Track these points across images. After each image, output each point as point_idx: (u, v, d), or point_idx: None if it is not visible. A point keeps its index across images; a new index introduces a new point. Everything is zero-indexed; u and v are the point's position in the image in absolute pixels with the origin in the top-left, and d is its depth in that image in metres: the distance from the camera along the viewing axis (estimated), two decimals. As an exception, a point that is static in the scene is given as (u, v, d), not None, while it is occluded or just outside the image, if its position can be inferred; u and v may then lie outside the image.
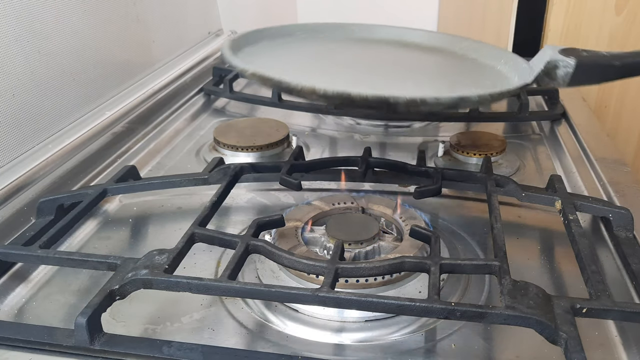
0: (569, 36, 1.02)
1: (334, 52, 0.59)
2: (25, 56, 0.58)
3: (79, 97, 0.66)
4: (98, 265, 0.40)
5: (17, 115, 0.57)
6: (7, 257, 0.43)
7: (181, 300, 0.40)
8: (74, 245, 0.48)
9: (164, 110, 0.75)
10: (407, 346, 0.37)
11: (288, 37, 0.60)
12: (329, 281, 0.36)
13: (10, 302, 0.42)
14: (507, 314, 0.33)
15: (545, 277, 0.43)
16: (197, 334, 0.38)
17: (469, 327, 0.38)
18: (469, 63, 0.57)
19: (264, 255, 0.40)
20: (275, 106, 0.74)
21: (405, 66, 0.57)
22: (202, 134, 0.71)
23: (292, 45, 0.58)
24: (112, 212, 0.54)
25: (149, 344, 0.35)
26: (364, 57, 0.59)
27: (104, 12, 0.70)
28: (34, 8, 0.59)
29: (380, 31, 0.65)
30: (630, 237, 0.45)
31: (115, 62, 0.74)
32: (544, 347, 0.35)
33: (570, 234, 0.44)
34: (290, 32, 0.60)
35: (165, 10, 0.85)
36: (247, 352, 0.35)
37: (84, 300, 0.37)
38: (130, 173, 0.55)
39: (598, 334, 0.37)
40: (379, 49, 0.62)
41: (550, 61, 0.47)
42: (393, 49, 0.61)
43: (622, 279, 0.42)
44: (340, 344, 0.37)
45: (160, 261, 0.37)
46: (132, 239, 0.49)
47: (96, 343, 0.35)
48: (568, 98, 0.75)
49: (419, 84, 0.50)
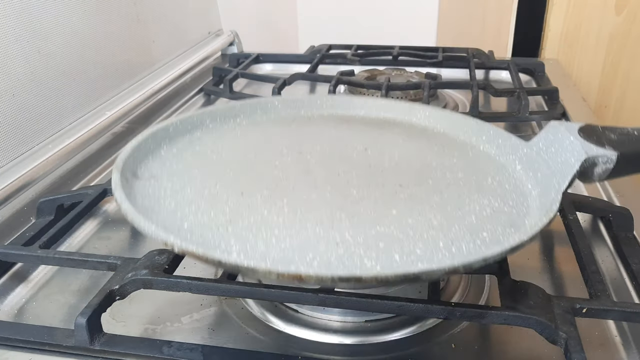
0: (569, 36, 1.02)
1: (262, 156, 0.45)
2: (25, 56, 0.58)
3: (79, 97, 0.66)
4: (98, 265, 0.40)
5: (17, 116, 0.57)
6: (7, 257, 0.43)
7: (181, 301, 0.40)
8: (74, 246, 0.48)
9: (164, 110, 0.75)
10: (407, 346, 0.37)
11: (195, 131, 0.48)
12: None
13: (10, 302, 0.42)
14: (507, 314, 0.33)
15: (545, 277, 0.43)
16: (197, 334, 0.38)
17: (469, 327, 0.38)
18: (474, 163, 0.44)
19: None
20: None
21: (381, 179, 0.41)
22: (202, 134, 0.71)
23: (201, 150, 0.45)
24: (112, 212, 0.54)
25: (149, 344, 0.35)
26: (307, 164, 0.43)
27: (104, 12, 0.70)
28: (34, 8, 0.59)
29: (325, 103, 0.53)
30: (630, 237, 0.45)
31: (116, 62, 0.74)
32: (544, 347, 0.35)
33: (570, 234, 0.44)
34: (197, 123, 0.48)
35: (165, 10, 0.85)
36: (247, 352, 0.35)
37: (84, 300, 0.37)
38: (130, 173, 0.54)
39: (598, 334, 0.37)
40: (326, 136, 0.48)
41: (587, 159, 0.37)
42: (358, 139, 0.48)
43: (622, 279, 0.42)
44: (340, 344, 0.37)
45: (160, 261, 0.37)
46: (132, 239, 0.49)
47: (96, 343, 0.35)
48: (568, 98, 0.75)
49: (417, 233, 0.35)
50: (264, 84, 0.83)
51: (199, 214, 0.36)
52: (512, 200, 0.39)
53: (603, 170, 0.37)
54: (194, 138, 0.47)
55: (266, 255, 0.32)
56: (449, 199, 0.39)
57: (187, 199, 0.38)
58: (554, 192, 0.37)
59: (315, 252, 0.33)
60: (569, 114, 0.70)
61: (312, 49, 0.96)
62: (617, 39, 0.98)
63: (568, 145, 0.39)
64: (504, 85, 0.82)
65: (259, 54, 0.93)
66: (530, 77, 0.85)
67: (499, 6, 1.09)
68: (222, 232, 0.34)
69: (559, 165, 0.39)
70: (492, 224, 0.36)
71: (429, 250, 0.33)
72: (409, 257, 0.32)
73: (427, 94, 0.70)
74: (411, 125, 0.51)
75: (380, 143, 0.47)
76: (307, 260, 0.32)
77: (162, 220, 0.36)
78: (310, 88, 0.86)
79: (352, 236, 0.34)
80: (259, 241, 0.34)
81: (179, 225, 0.35)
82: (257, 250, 0.33)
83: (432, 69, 0.86)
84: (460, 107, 0.77)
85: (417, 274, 0.29)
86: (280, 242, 0.34)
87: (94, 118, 0.68)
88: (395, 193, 0.39)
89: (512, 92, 0.72)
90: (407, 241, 0.34)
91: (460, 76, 0.87)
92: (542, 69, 0.85)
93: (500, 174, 0.43)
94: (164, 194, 0.39)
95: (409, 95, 0.74)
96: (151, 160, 0.43)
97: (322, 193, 0.39)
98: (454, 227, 0.35)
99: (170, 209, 0.37)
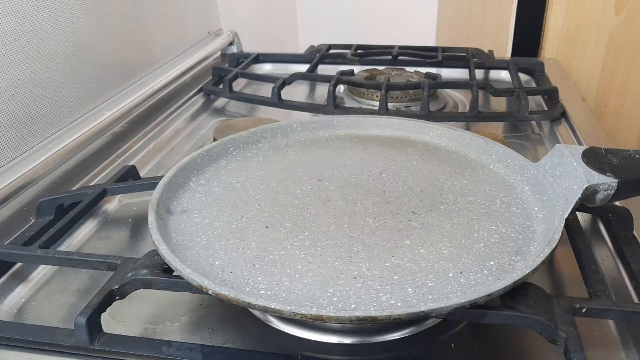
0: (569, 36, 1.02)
1: (283, 184, 0.47)
2: (25, 56, 0.58)
3: (79, 97, 0.66)
4: (98, 265, 0.40)
5: (17, 115, 0.57)
6: (7, 257, 0.43)
7: (181, 301, 0.40)
8: (73, 246, 0.48)
9: (164, 110, 0.75)
10: (407, 346, 0.37)
11: (221, 160, 0.50)
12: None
13: (10, 302, 0.42)
14: (507, 314, 0.33)
15: (545, 277, 0.43)
16: (197, 334, 0.38)
17: (469, 327, 0.38)
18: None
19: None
20: (275, 106, 0.74)
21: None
22: (202, 134, 0.71)
23: (227, 180, 0.47)
24: (112, 212, 0.54)
25: (149, 344, 0.35)
26: (327, 192, 0.45)
27: (104, 12, 0.70)
28: (34, 8, 0.59)
29: (342, 124, 0.56)
30: (630, 237, 0.45)
31: (115, 62, 0.74)
32: (544, 347, 0.35)
33: (570, 233, 0.44)
34: (222, 152, 0.51)
35: (165, 10, 0.85)
36: (247, 352, 0.35)
37: (84, 300, 0.37)
38: (130, 173, 0.55)
39: (598, 334, 0.37)
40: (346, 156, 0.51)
41: (589, 187, 0.39)
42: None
43: (622, 279, 0.42)
44: (340, 343, 0.37)
45: (160, 261, 0.37)
46: (132, 239, 0.49)
47: (96, 343, 0.35)
48: (568, 98, 0.75)
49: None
50: (264, 84, 0.83)
51: (229, 249, 0.39)
52: (519, 224, 0.41)
53: (605, 197, 0.39)
54: (220, 167, 0.50)
55: (291, 291, 0.35)
56: (460, 226, 0.41)
57: (217, 235, 0.41)
58: (557, 219, 0.39)
59: (335, 287, 0.35)
60: (568, 114, 0.70)
61: (312, 49, 0.96)
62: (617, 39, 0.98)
63: (572, 171, 0.41)
64: (504, 85, 0.82)
65: (258, 54, 0.93)
66: (530, 77, 0.86)
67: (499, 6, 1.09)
68: (250, 269, 0.37)
69: (564, 190, 0.41)
70: (500, 252, 0.38)
71: (440, 282, 0.35)
72: (421, 290, 0.35)
73: (427, 94, 0.70)
74: (425, 144, 0.54)
75: (395, 166, 0.50)
76: (328, 296, 0.34)
77: (195, 257, 0.38)
78: (310, 88, 0.86)
79: (368, 269, 0.37)
80: (283, 277, 0.36)
81: (211, 263, 0.38)
82: (282, 287, 0.35)
83: (432, 69, 0.86)
84: (460, 107, 0.77)
85: (427, 312, 0.31)
86: (303, 277, 0.36)
87: (93, 118, 0.68)
88: (409, 222, 0.42)
89: (512, 92, 0.72)
90: (420, 273, 0.36)
91: (460, 76, 0.87)
92: (542, 69, 0.85)
93: (509, 196, 0.45)
94: (196, 229, 0.41)
95: (408, 95, 0.74)
96: (182, 193, 0.46)
97: (341, 224, 0.42)
98: (463, 257, 0.38)
99: (202, 245, 0.40)
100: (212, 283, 0.33)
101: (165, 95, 0.80)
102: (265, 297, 0.34)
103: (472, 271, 0.36)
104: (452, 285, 0.35)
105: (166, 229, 0.41)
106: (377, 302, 0.34)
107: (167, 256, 0.36)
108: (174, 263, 0.35)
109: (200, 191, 0.46)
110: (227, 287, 0.33)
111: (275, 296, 0.34)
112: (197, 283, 0.33)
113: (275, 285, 0.35)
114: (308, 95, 0.84)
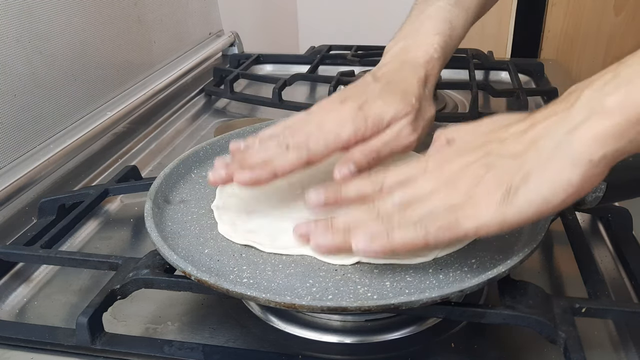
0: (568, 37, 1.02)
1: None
2: (26, 57, 0.58)
3: (80, 98, 0.67)
4: (99, 265, 0.40)
5: (19, 116, 0.57)
6: (8, 257, 0.43)
7: (182, 300, 0.41)
8: (75, 245, 0.48)
9: (165, 110, 0.75)
10: (407, 345, 0.37)
11: (224, 153, 0.50)
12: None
13: (12, 302, 0.42)
14: (507, 313, 0.33)
15: (544, 277, 0.43)
16: (198, 333, 0.38)
17: (468, 326, 0.38)
18: None
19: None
20: (276, 106, 0.75)
21: None
22: (202, 134, 0.71)
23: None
24: (113, 212, 0.54)
25: (150, 344, 0.35)
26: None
27: (105, 13, 0.70)
28: (36, 9, 0.59)
29: None
30: (629, 237, 0.45)
31: (117, 62, 0.74)
32: (544, 347, 0.35)
33: (569, 234, 0.44)
34: (225, 146, 0.50)
35: (166, 11, 0.85)
36: (247, 351, 0.36)
37: (85, 299, 0.37)
38: (132, 173, 0.55)
39: (597, 334, 0.37)
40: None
41: None
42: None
43: (621, 279, 0.42)
44: (340, 343, 0.37)
45: (161, 261, 0.38)
46: (133, 239, 0.50)
47: (97, 342, 0.35)
48: (568, 98, 0.75)
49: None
50: (264, 85, 0.83)
51: (219, 238, 0.40)
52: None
53: (593, 199, 0.39)
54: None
55: (272, 280, 0.36)
56: None
57: (210, 224, 0.42)
58: (543, 219, 0.38)
59: (315, 278, 0.36)
60: (568, 114, 0.71)
61: (312, 49, 0.96)
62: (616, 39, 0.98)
63: None
64: (504, 85, 0.82)
65: (259, 54, 0.93)
66: (529, 78, 0.85)
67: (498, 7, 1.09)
68: (236, 257, 0.38)
69: None
70: (483, 250, 0.38)
71: (418, 277, 0.36)
72: (399, 283, 0.35)
73: (427, 94, 0.70)
74: (424, 144, 0.52)
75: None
76: (307, 286, 0.35)
77: (186, 245, 0.39)
78: (311, 88, 0.86)
79: (350, 262, 0.37)
80: (267, 267, 0.37)
81: (200, 251, 0.39)
82: (264, 276, 0.36)
83: (432, 70, 0.86)
84: (460, 108, 0.77)
85: (397, 305, 0.31)
86: (286, 267, 0.37)
87: (95, 118, 0.68)
88: None
89: (512, 92, 0.72)
90: (399, 268, 0.36)
91: (460, 76, 0.87)
92: (541, 70, 0.85)
93: None
94: (191, 218, 0.43)
95: (409, 95, 0.74)
96: (182, 184, 0.47)
97: None
98: (445, 254, 0.37)
99: (194, 234, 0.41)
100: (195, 269, 0.34)
101: (166, 95, 0.80)
102: (247, 285, 0.35)
103: (452, 268, 0.36)
104: (430, 280, 0.35)
105: (162, 217, 0.42)
106: (354, 293, 0.34)
107: (156, 242, 0.37)
108: (162, 249, 0.36)
109: (201, 182, 0.47)
110: (210, 274, 0.34)
111: (256, 284, 0.35)
112: (181, 269, 0.35)
113: (258, 274, 0.36)
114: (308, 95, 0.84)
